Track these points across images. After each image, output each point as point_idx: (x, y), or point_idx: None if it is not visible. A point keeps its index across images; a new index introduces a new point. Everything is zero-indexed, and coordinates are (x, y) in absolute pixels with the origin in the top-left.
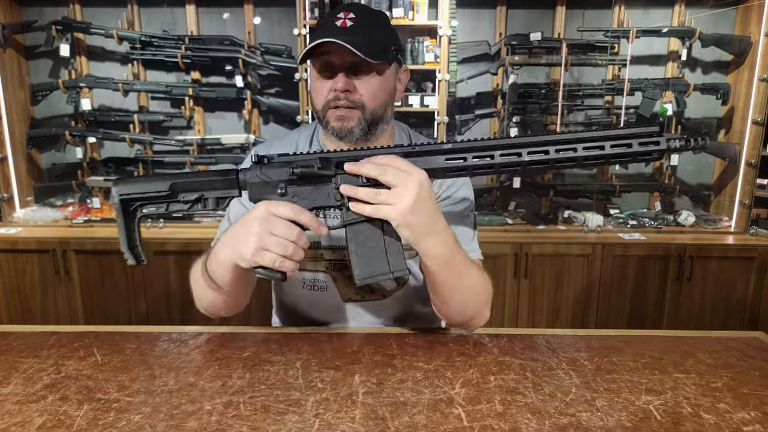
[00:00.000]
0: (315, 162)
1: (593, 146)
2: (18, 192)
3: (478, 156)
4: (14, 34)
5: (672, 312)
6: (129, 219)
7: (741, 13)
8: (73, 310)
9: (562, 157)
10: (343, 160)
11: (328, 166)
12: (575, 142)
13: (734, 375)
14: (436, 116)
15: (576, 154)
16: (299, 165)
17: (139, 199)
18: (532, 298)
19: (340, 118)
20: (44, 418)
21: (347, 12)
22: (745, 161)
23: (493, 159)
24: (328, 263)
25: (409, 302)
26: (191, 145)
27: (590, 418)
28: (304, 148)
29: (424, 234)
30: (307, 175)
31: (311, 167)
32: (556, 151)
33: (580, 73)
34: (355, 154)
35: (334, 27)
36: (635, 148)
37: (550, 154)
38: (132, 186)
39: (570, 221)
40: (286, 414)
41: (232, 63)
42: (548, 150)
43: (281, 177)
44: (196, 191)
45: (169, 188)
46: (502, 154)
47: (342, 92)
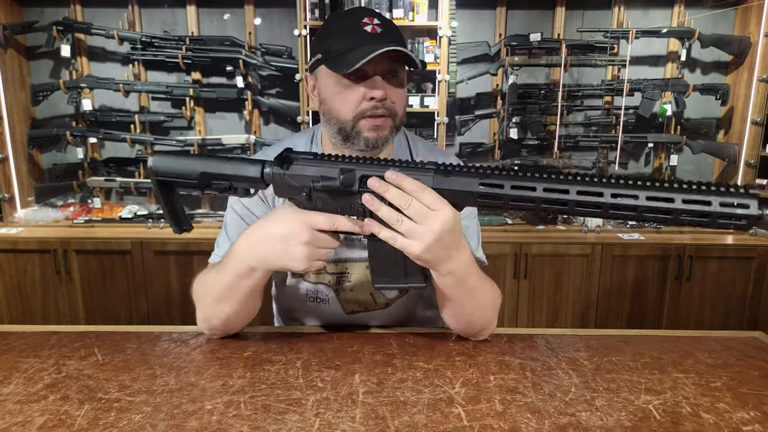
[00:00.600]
0: (338, 176)
1: (660, 197)
2: (19, 192)
3: (517, 186)
4: (15, 35)
5: (671, 312)
6: (166, 194)
7: (740, 13)
8: (73, 310)
9: (619, 204)
10: (368, 174)
11: (351, 182)
12: (639, 188)
13: (733, 375)
14: (436, 117)
15: (637, 203)
16: (321, 179)
17: (174, 182)
18: (532, 298)
19: (375, 128)
20: (45, 417)
21: (371, 17)
22: (744, 161)
23: (534, 192)
24: (331, 277)
25: (412, 309)
26: (192, 145)
27: (590, 418)
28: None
29: (439, 263)
30: (327, 190)
31: (333, 181)
32: (611, 195)
33: (579, 73)
34: (379, 168)
35: (365, 33)
36: (714, 207)
37: (604, 197)
38: (167, 165)
39: (569, 221)
40: (287, 413)
41: (233, 63)
42: (602, 192)
43: (305, 184)
44: (227, 180)
45: (200, 176)
46: (546, 189)
47: (380, 101)
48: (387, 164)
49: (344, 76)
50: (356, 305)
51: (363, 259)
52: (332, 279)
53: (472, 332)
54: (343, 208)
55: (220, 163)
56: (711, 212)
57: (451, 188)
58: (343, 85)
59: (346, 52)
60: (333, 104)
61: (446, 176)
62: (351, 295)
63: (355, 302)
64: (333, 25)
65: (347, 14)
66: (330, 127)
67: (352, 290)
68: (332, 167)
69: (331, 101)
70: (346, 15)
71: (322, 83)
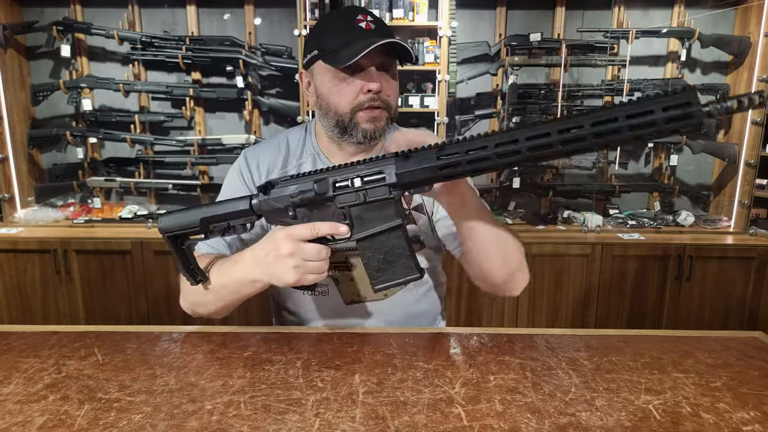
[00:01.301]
0: (312, 186)
1: (604, 119)
2: (19, 192)
3: (471, 149)
4: (15, 35)
5: (671, 312)
6: (179, 248)
7: (740, 13)
8: (73, 310)
9: (568, 138)
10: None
11: (325, 188)
12: (583, 117)
13: (733, 375)
14: (436, 117)
15: (584, 132)
16: (297, 194)
17: (180, 234)
18: (532, 298)
19: (373, 119)
20: (45, 417)
21: (365, 15)
22: (744, 161)
23: (486, 149)
24: (330, 266)
25: (410, 301)
26: (192, 145)
27: (590, 418)
28: (295, 150)
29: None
30: (307, 202)
31: (309, 192)
32: (558, 132)
33: (579, 73)
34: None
35: (360, 29)
36: (659, 114)
37: (552, 137)
38: (171, 222)
39: (569, 221)
40: (287, 413)
41: (233, 63)
42: (549, 132)
43: (287, 203)
44: (223, 220)
45: (200, 222)
46: (497, 144)
47: (376, 93)
48: (353, 165)
49: (341, 69)
50: (356, 295)
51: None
52: (331, 268)
53: (508, 272)
54: (326, 218)
55: (214, 208)
56: (656, 120)
57: (412, 168)
58: (340, 78)
59: (342, 48)
60: (330, 98)
61: (406, 159)
62: (352, 285)
63: (354, 292)
64: (328, 23)
65: (341, 13)
66: (327, 121)
67: (352, 280)
68: (307, 180)
69: (328, 96)
70: (340, 13)
71: (318, 79)
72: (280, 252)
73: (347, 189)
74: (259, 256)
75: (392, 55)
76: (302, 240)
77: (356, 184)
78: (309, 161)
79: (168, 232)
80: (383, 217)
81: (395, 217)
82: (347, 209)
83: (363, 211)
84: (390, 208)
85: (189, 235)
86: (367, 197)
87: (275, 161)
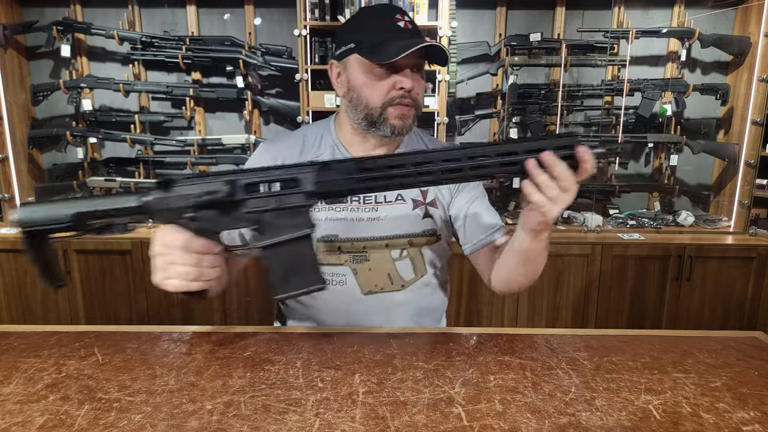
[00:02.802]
0: (221, 188)
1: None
2: (19, 192)
3: (391, 165)
4: (15, 35)
5: (671, 312)
6: (36, 247)
7: (740, 13)
8: (74, 310)
9: (477, 164)
10: (254, 182)
11: (234, 192)
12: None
13: (733, 375)
14: (436, 117)
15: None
16: (202, 195)
17: (44, 230)
18: (532, 297)
19: (401, 116)
20: (45, 417)
21: (402, 14)
22: (744, 161)
23: (404, 168)
24: (348, 256)
25: (424, 294)
26: (192, 145)
27: (590, 418)
28: (314, 144)
29: (546, 229)
30: (212, 204)
31: (217, 193)
32: (468, 158)
33: (579, 73)
34: (261, 174)
35: (398, 28)
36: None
37: (462, 162)
38: (35, 214)
39: (569, 221)
40: (287, 413)
41: (233, 63)
42: (461, 158)
43: (186, 204)
44: (104, 217)
45: (73, 218)
46: (416, 163)
47: (408, 91)
48: (270, 169)
49: (378, 64)
50: (373, 285)
51: (381, 238)
52: (349, 258)
53: (528, 284)
54: (231, 223)
55: (93, 201)
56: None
57: (333, 179)
58: (375, 74)
59: (382, 44)
60: (363, 91)
61: (327, 170)
62: (369, 275)
63: (372, 282)
64: (366, 18)
65: (379, 10)
66: (356, 114)
67: (370, 270)
68: (215, 181)
69: (360, 89)
70: (378, 10)
71: (351, 71)
72: (151, 251)
73: (260, 193)
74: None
75: (423, 57)
76: (172, 246)
77: (272, 188)
78: (327, 153)
79: (28, 226)
80: (294, 225)
81: (306, 226)
82: (258, 214)
83: (274, 218)
84: (303, 216)
85: (56, 231)
86: (281, 203)
87: (291, 153)
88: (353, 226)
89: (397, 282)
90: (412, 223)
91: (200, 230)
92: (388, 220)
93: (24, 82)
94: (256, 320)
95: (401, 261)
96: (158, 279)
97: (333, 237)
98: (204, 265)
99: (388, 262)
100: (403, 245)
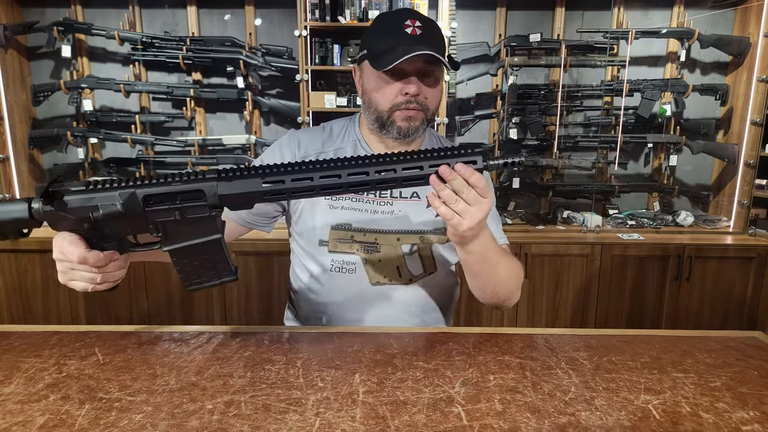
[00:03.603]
0: (118, 201)
1: (387, 169)
2: (20, 192)
3: (297, 178)
4: (16, 35)
5: (671, 312)
6: None
7: (740, 14)
8: (74, 310)
9: (383, 178)
10: (150, 193)
11: (134, 204)
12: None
13: (733, 374)
14: (436, 117)
15: (369, 178)
16: (99, 208)
17: None
18: (532, 297)
19: (408, 119)
20: (46, 417)
21: (413, 20)
22: (743, 162)
23: (312, 180)
24: (359, 245)
25: (432, 291)
26: (192, 145)
27: (589, 418)
28: (339, 136)
29: (471, 240)
30: (112, 217)
31: (114, 206)
32: (375, 172)
33: (579, 74)
34: (160, 186)
35: (405, 34)
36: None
37: (369, 176)
38: None
39: (569, 221)
40: (287, 413)
41: (233, 64)
42: (368, 172)
43: (83, 215)
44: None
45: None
46: (322, 176)
47: (414, 96)
48: (167, 182)
49: (383, 72)
50: (382, 277)
51: (392, 230)
52: (360, 247)
53: (498, 302)
54: (135, 228)
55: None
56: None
57: (235, 192)
58: (383, 79)
59: (386, 51)
60: (373, 96)
61: (229, 181)
62: (379, 266)
63: (381, 273)
64: (379, 24)
65: (393, 15)
66: (369, 115)
67: (380, 261)
68: (109, 194)
69: (371, 93)
70: (391, 16)
71: (364, 76)
72: (54, 253)
73: (161, 205)
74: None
75: (434, 62)
76: (70, 257)
77: (173, 200)
78: (349, 147)
79: None
80: (201, 231)
81: (214, 232)
82: (160, 223)
83: (178, 226)
84: (209, 223)
85: None
86: (184, 214)
87: (315, 142)
88: (368, 218)
89: (405, 276)
90: (425, 220)
91: (102, 237)
92: (401, 215)
93: (25, 82)
94: (256, 320)
95: (411, 256)
96: (62, 281)
97: (347, 225)
98: (106, 270)
99: (398, 255)
100: (414, 241)
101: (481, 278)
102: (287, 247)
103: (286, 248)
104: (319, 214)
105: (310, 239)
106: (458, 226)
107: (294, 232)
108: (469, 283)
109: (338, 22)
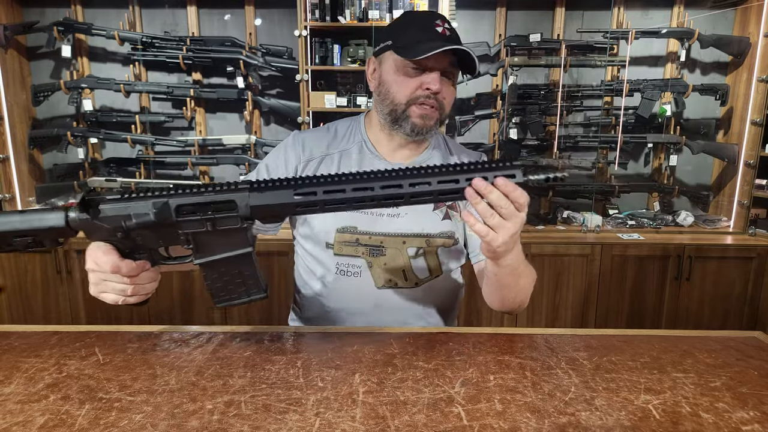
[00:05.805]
0: (151, 210)
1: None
2: (20, 192)
3: (329, 190)
4: (16, 35)
5: (671, 312)
6: None
7: (740, 14)
8: (74, 310)
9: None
10: (183, 203)
11: (166, 215)
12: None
13: (733, 374)
14: None
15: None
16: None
17: None
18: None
19: (423, 116)
20: (46, 417)
21: (443, 21)
22: (743, 162)
23: (344, 193)
24: (365, 248)
25: (438, 294)
26: (192, 145)
27: (589, 417)
28: (343, 135)
29: (504, 255)
30: (144, 227)
31: (147, 216)
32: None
33: (579, 74)
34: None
35: (436, 32)
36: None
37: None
38: None
39: (569, 221)
40: (287, 413)
41: (233, 64)
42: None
43: (117, 224)
44: (22, 236)
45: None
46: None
47: (434, 93)
48: (200, 192)
49: (411, 61)
50: (387, 280)
51: (399, 234)
52: (366, 250)
53: (514, 308)
54: (166, 239)
55: (14, 218)
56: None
57: (267, 203)
58: (405, 72)
59: (416, 44)
60: (391, 86)
61: (261, 192)
62: (384, 269)
63: (387, 277)
64: (408, 21)
65: (421, 15)
66: (382, 108)
67: (385, 264)
68: (143, 203)
69: (390, 83)
70: (420, 15)
71: (384, 67)
72: (87, 264)
73: (193, 216)
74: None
75: (457, 66)
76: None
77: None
78: (355, 148)
79: None
80: (231, 243)
81: (244, 245)
82: (191, 235)
83: (209, 238)
84: (239, 236)
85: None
86: (215, 226)
87: (320, 143)
88: (374, 220)
89: (411, 279)
90: (431, 224)
91: (135, 248)
92: (408, 218)
93: (25, 82)
94: (256, 320)
95: (417, 259)
96: (94, 292)
97: (352, 228)
98: (139, 282)
99: (403, 259)
100: (420, 244)
101: (507, 289)
102: (287, 247)
103: (286, 248)
104: (324, 217)
105: (315, 242)
106: (492, 242)
107: (298, 234)
108: (490, 294)
109: (338, 22)
